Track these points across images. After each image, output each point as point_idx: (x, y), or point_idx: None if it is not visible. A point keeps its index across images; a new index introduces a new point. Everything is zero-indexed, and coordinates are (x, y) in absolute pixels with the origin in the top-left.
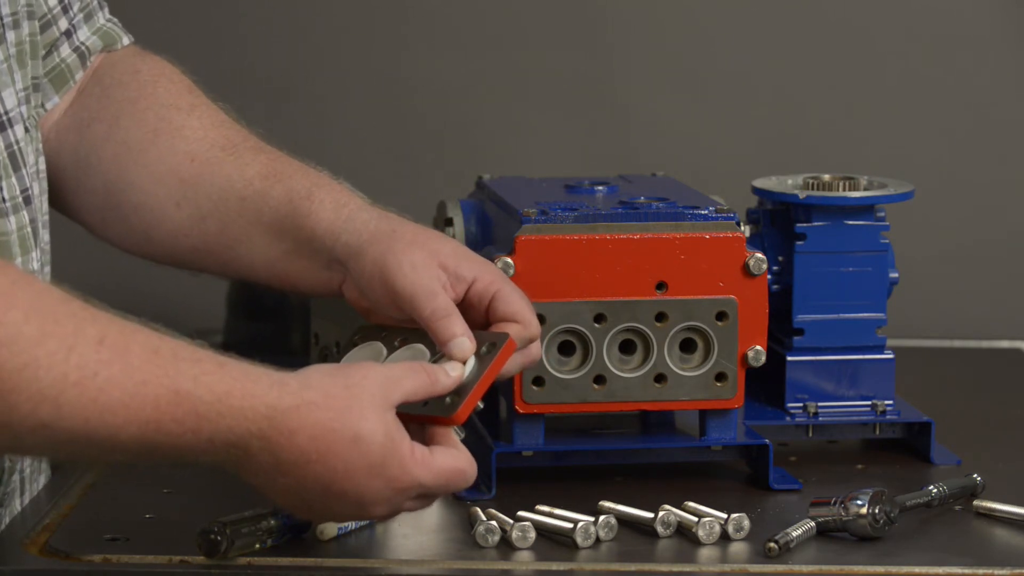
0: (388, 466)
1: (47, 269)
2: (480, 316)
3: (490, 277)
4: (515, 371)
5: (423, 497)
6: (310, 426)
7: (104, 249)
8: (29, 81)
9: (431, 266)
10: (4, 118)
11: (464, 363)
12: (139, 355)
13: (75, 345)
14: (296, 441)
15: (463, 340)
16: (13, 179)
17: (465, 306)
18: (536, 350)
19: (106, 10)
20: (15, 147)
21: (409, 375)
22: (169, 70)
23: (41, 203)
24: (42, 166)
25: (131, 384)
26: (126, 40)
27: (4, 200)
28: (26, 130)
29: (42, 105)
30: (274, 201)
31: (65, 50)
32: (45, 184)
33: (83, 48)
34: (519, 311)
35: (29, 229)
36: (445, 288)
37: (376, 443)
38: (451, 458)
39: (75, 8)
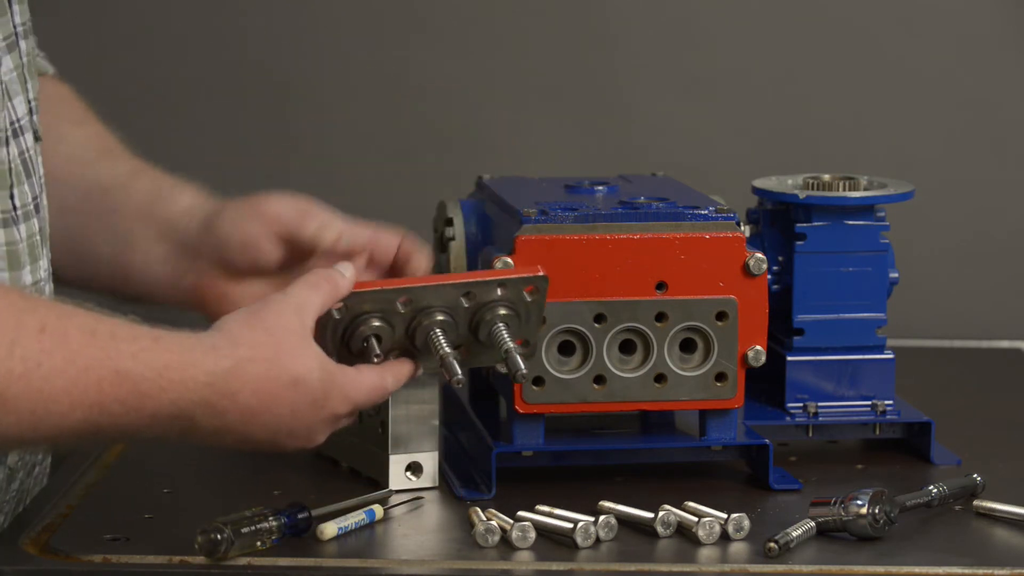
0: (330, 398)
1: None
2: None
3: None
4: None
5: (352, 414)
6: (251, 382)
7: None
8: (37, 91)
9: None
10: (16, 125)
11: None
12: (78, 339)
13: (18, 338)
14: (239, 400)
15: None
16: (25, 186)
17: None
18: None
19: (32, 39)
20: (27, 154)
21: (313, 292)
22: (71, 95)
23: (48, 212)
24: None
25: (74, 371)
26: (50, 71)
27: (15, 208)
28: (36, 139)
29: None
30: (141, 190)
31: None
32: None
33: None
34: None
35: (38, 237)
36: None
37: (314, 379)
38: (375, 374)
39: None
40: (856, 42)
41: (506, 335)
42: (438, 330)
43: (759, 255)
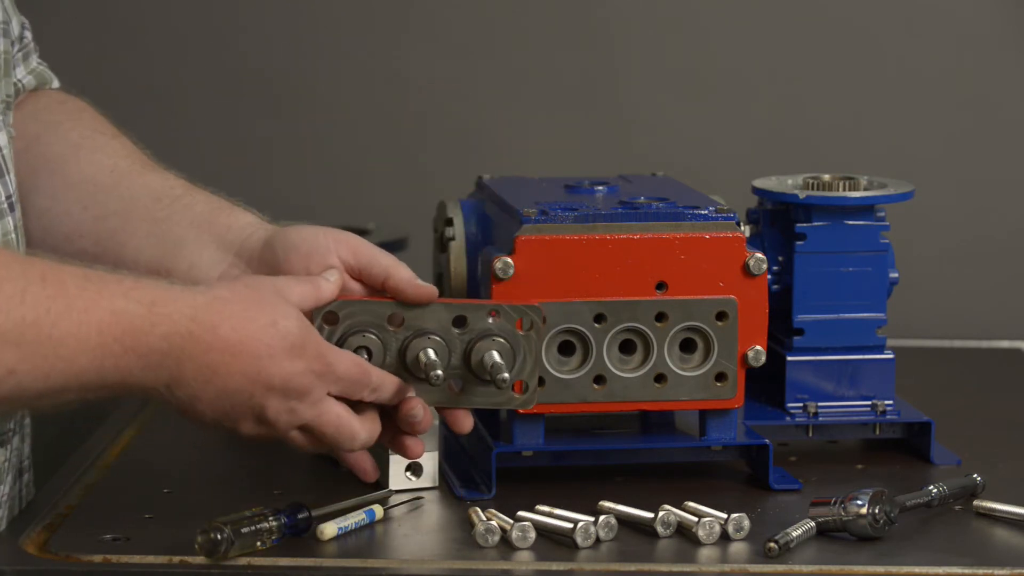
0: (307, 347)
1: None
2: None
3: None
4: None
5: (340, 399)
6: (229, 317)
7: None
8: (8, 92)
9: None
10: None
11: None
12: (74, 284)
13: (27, 287)
14: (220, 334)
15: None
16: None
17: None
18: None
19: (38, 53)
20: (1, 153)
21: (295, 282)
22: (92, 109)
23: (59, 216)
24: None
25: (76, 313)
26: (56, 83)
27: None
28: (9, 139)
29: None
30: (200, 202)
31: None
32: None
33: (19, 84)
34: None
35: (14, 235)
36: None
37: (293, 325)
38: (359, 358)
39: (15, 48)
40: (856, 42)
41: (496, 356)
42: (429, 348)
43: (759, 255)
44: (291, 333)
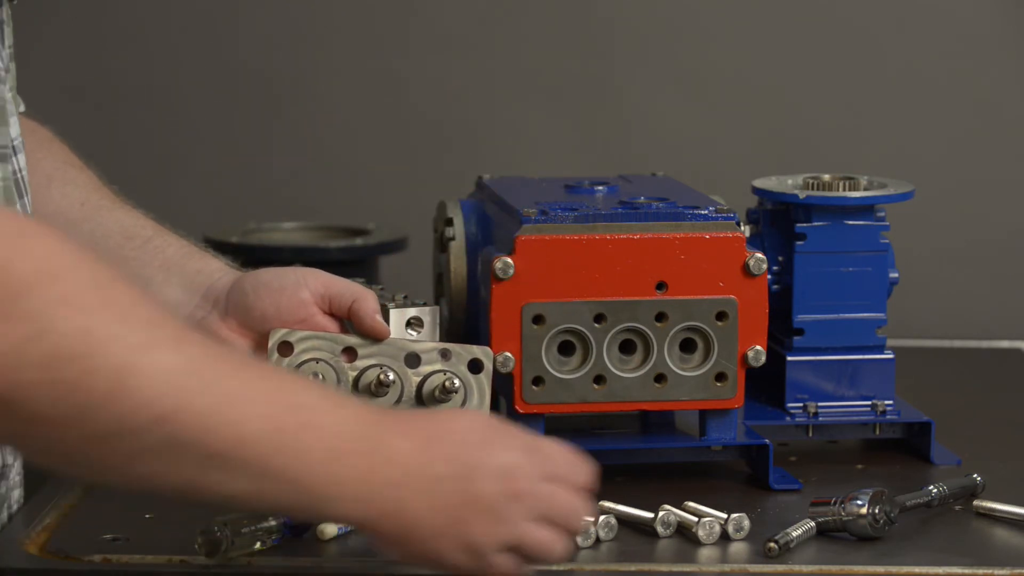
0: (511, 432)
1: None
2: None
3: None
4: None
5: (559, 483)
6: (405, 419)
7: None
8: (20, 110)
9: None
10: (11, 146)
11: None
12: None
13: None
14: (416, 424)
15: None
16: (16, 206)
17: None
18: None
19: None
20: (19, 175)
21: None
22: (58, 140)
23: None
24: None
25: (249, 377)
26: (22, 107)
27: None
28: (26, 161)
29: None
30: (172, 244)
31: None
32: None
33: None
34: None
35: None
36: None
37: (483, 420)
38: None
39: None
40: (856, 42)
41: (446, 381)
42: (388, 371)
43: (759, 255)
44: (490, 424)
